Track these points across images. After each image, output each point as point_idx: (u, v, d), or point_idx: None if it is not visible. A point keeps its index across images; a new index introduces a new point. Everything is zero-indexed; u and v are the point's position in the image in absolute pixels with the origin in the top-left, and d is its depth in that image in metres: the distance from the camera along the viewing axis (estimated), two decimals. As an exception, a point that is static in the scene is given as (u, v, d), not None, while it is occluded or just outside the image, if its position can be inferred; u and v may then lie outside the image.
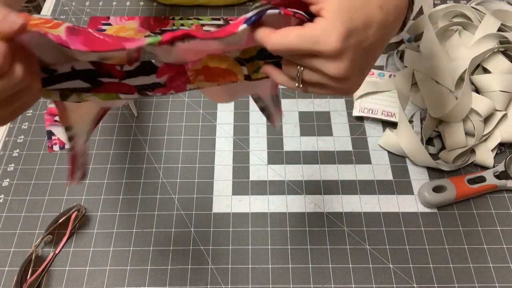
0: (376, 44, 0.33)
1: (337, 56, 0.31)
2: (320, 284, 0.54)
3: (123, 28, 0.79)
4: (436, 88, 0.65)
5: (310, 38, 0.30)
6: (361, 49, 0.32)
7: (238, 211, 0.59)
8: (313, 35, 0.30)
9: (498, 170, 0.60)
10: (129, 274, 0.54)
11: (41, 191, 0.61)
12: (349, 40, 0.31)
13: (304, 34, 0.30)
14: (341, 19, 0.30)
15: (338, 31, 0.30)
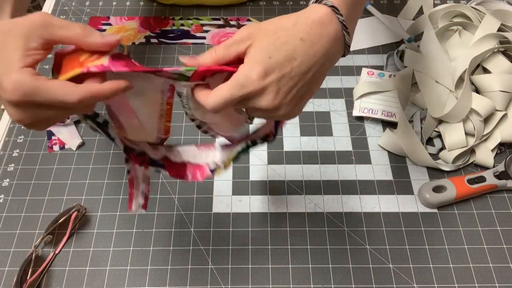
0: (310, 72, 0.36)
1: (262, 92, 0.35)
2: (320, 284, 0.54)
3: (123, 28, 0.79)
4: (436, 88, 0.65)
5: (237, 86, 0.34)
6: (288, 80, 0.35)
7: (238, 211, 0.59)
8: (238, 82, 0.34)
9: (498, 170, 0.60)
10: (129, 274, 0.54)
11: (41, 191, 0.61)
12: (269, 76, 0.34)
13: (232, 84, 0.34)
14: (258, 61, 0.34)
15: (255, 71, 0.34)
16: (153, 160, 0.43)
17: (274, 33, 0.35)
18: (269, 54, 0.35)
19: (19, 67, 0.32)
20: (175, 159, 0.43)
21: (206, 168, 0.42)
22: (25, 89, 0.31)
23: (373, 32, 0.78)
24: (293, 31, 0.36)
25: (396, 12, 0.80)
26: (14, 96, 0.31)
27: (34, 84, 0.31)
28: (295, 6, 0.82)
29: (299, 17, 0.36)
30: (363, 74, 0.71)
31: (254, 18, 0.80)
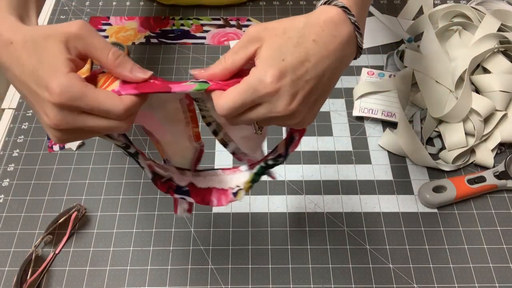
0: (325, 76, 0.35)
1: (277, 95, 0.33)
2: (320, 284, 0.54)
3: (123, 28, 0.79)
4: (436, 88, 0.65)
5: (249, 90, 0.33)
6: (303, 83, 0.34)
7: (238, 211, 0.59)
8: (251, 86, 0.32)
9: (498, 170, 0.60)
10: (129, 274, 0.54)
11: (41, 191, 0.61)
12: (284, 79, 0.33)
13: (243, 88, 0.33)
14: (271, 63, 0.33)
15: (269, 74, 0.32)
16: (178, 187, 0.43)
17: (284, 33, 0.34)
18: (282, 56, 0.33)
19: (66, 71, 0.32)
20: (200, 184, 0.43)
21: (229, 192, 0.42)
22: (73, 92, 0.31)
23: (373, 32, 0.78)
24: (304, 32, 0.34)
25: (396, 12, 0.80)
26: (61, 99, 0.31)
27: (82, 89, 0.32)
28: (295, 6, 0.82)
29: (309, 17, 0.35)
30: (363, 74, 0.71)
31: (254, 18, 0.80)
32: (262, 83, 0.32)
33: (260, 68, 0.33)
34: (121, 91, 0.33)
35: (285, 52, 0.33)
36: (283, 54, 0.33)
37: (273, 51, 0.33)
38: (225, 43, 0.77)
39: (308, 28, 0.34)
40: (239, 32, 0.78)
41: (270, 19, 0.80)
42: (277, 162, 0.41)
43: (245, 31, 0.35)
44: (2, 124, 0.68)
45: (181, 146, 0.44)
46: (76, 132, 0.34)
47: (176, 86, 0.34)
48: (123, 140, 0.39)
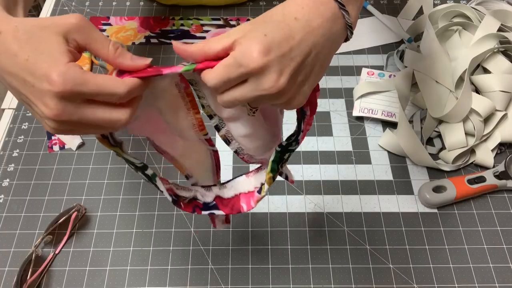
0: (311, 53, 0.35)
1: (264, 70, 0.32)
2: (320, 284, 0.54)
3: (123, 28, 0.79)
4: (436, 88, 0.65)
5: (235, 63, 0.32)
6: (289, 60, 0.33)
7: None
8: (237, 60, 0.32)
9: (498, 170, 0.60)
10: (129, 274, 0.54)
11: (41, 191, 0.61)
12: (269, 54, 0.32)
13: (229, 62, 0.32)
14: (255, 39, 0.32)
15: (256, 48, 0.32)
16: (205, 204, 0.43)
17: (264, 21, 0.34)
18: (265, 31, 0.33)
19: (65, 61, 0.32)
20: (226, 195, 0.43)
21: (255, 192, 0.42)
22: (75, 79, 0.31)
23: (373, 32, 0.78)
24: (284, 12, 0.34)
25: (396, 12, 0.80)
26: (63, 87, 0.31)
27: (83, 76, 0.32)
28: (295, 6, 0.82)
29: (287, 1, 0.35)
30: (363, 74, 0.71)
31: (254, 18, 0.80)
32: (247, 58, 0.32)
33: (244, 43, 0.33)
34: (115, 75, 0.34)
35: (267, 28, 0.33)
36: (265, 30, 0.33)
37: (256, 29, 0.33)
38: (225, 43, 0.76)
39: (288, 9, 0.34)
40: (239, 32, 0.78)
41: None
42: (291, 141, 0.40)
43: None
44: (2, 124, 0.68)
45: (194, 150, 0.44)
46: (75, 124, 0.34)
47: (166, 69, 0.34)
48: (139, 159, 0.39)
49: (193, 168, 0.45)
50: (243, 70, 0.32)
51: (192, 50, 0.35)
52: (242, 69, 0.32)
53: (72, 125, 0.34)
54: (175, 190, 0.43)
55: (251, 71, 0.32)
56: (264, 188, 0.41)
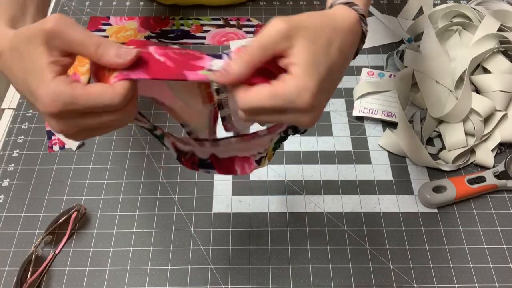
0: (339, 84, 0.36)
1: (309, 111, 0.32)
2: (320, 284, 0.54)
3: (123, 28, 0.79)
4: (436, 88, 0.65)
5: (284, 98, 0.31)
6: (327, 95, 0.34)
7: (238, 211, 0.59)
8: (287, 95, 0.31)
9: (498, 170, 0.60)
10: (129, 274, 0.54)
11: (41, 191, 0.61)
12: (319, 96, 0.32)
13: (277, 93, 0.31)
14: (311, 75, 0.31)
15: (311, 90, 0.31)
16: (202, 160, 0.42)
17: (315, 38, 0.32)
18: (317, 67, 0.32)
19: (51, 78, 0.30)
20: (221, 155, 0.42)
21: (252, 160, 0.41)
22: (64, 99, 0.30)
23: (373, 32, 0.78)
24: (331, 38, 0.33)
25: (396, 12, 0.80)
26: (53, 108, 0.30)
27: (71, 93, 0.30)
28: (295, 6, 0.82)
29: (335, 21, 0.34)
30: (363, 74, 0.71)
31: (254, 18, 0.80)
32: (300, 98, 0.31)
33: (300, 79, 0.31)
34: (130, 75, 0.31)
35: (318, 62, 0.32)
36: (317, 65, 0.32)
37: (310, 61, 0.32)
38: (225, 43, 0.77)
39: (335, 35, 0.34)
40: (239, 32, 0.78)
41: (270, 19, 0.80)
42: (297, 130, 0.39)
43: (269, 23, 0.32)
44: (2, 124, 0.68)
45: (195, 109, 0.43)
46: (87, 131, 0.33)
47: (191, 74, 0.32)
48: (148, 123, 0.38)
49: (189, 120, 0.44)
50: (291, 106, 0.31)
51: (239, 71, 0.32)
52: (290, 105, 0.31)
53: (81, 133, 0.33)
54: (176, 142, 0.42)
55: (298, 109, 0.32)
56: (264, 162, 0.41)
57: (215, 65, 0.33)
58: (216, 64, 0.32)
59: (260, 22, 0.79)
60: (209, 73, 0.32)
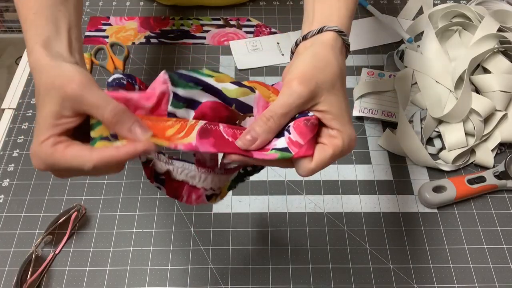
0: None
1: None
2: (320, 284, 0.54)
3: (123, 28, 0.79)
4: (436, 88, 0.65)
5: (340, 154, 0.36)
6: None
7: (238, 211, 0.59)
8: (342, 151, 0.36)
9: (498, 170, 0.60)
10: (129, 274, 0.54)
11: (41, 191, 0.61)
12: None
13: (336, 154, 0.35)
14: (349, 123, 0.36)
15: (354, 136, 0.37)
16: (157, 174, 0.41)
17: (332, 87, 0.36)
18: (347, 111, 0.37)
19: (42, 140, 0.33)
20: (175, 175, 0.41)
21: (202, 192, 0.41)
22: (45, 161, 0.33)
23: (373, 32, 0.78)
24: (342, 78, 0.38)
25: (396, 12, 0.80)
26: (37, 165, 0.34)
27: (51, 157, 0.33)
28: (295, 6, 0.82)
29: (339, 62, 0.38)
30: (363, 74, 0.71)
31: (254, 18, 0.80)
32: (350, 147, 0.36)
33: (346, 134, 0.35)
34: (199, 147, 0.33)
35: (342, 107, 0.36)
36: (346, 110, 0.37)
37: (340, 110, 0.36)
38: (225, 43, 0.77)
39: (341, 76, 0.38)
40: (239, 32, 0.78)
41: (270, 19, 0.80)
42: (257, 169, 0.40)
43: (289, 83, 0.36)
44: (2, 124, 0.68)
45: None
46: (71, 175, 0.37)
47: (257, 154, 0.34)
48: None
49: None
50: (341, 156, 0.36)
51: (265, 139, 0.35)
52: (341, 155, 0.36)
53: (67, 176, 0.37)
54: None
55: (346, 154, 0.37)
56: (215, 199, 0.41)
57: (279, 143, 0.35)
58: (280, 142, 0.35)
59: (260, 22, 0.79)
60: (274, 152, 0.34)
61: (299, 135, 0.34)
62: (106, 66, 0.72)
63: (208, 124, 0.35)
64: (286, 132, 0.35)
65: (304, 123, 0.35)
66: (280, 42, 0.77)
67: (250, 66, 0.73)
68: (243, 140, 0.34)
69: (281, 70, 0.73)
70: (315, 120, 0.35)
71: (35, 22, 0.38)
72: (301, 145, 0.34)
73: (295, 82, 0.35)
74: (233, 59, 0.74)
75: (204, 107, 0.35)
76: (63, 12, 0.40)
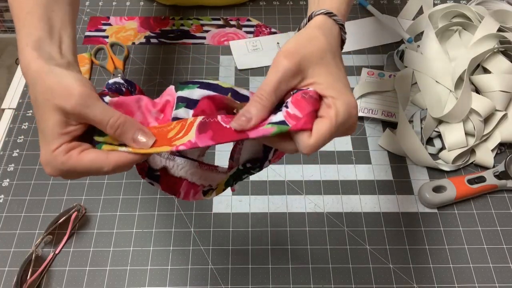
0: None
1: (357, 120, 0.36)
2: (320, 284, 0.54)
3: (123, 28, 0.79)
4: (436, 88, 0.65)
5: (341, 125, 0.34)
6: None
7: (238, 211, 0.59)
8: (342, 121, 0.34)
9: (498, 170, 0.60)
10: (129, 274, 0.54)
11: (41, 191, 0.61)
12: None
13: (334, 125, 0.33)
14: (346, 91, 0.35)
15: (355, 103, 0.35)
16: (151, 170, 0.41)
17: (321, 58, 0.36)
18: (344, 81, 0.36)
19: (53, 148, 0.34)
20: (173, 171, 0.41)
21: (200, 190, 0.41)
22: (59, 168, 0.34)
23: (373, 32, 0.78)
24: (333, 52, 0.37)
25: (396, 12, 0.80)
26: (51, 173, 0.34)
27: (66, 164, 0.33)
28: (295, 6, 0.82)
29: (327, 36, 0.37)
30: (363, 74, 0.71)
31: (254, 18, 0.80)
32: (349, 115, 0.34)
33: (344, 101, 0.34)
34: (198, 143, 0.33)
35: (334, 77, 0.35)
36: (335, 79, 0.35)
37: (330, 80, 0.35)
38: (225, 43, 0.77)
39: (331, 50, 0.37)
40: (239, 32, 0.78)
41: (270, 19, 0.80)
42: (255, 165, 0.40)
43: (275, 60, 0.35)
44: (2, 124, 0.68)
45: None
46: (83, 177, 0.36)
47: (253, 132, 0.33)
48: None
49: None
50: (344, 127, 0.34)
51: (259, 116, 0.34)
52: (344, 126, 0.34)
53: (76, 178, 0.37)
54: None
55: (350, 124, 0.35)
56: (211, 194, 0.41)
57: (276, 118, 0.34)
58: (276, 117, 0.34)
59: (260, 22, 0.79)
60: (271, 126, 0.33)
61: (297, 108, 0.33)
62: (106, 66, 0.72)
63: (206, 118, 0.35)
64: (284, 107, 0.34)
65: (302, 96, 0.34)
66: (280, 42, 0.76)
67: (250, 66, 0.73)
68: (237, 122, 0.33)
69: (281, 70, 0.73)
70: (314, 94, 0.34)
71: (27, 22, 0.38)
72: (299, 118, 0.33)
73: (280, 57, 0.35)
74: (233, 59, 0.74)
75: (202, 104, 0.35)
76: (56, 11, 0.40)
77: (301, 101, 0.34)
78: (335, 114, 0.33)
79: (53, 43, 0.38)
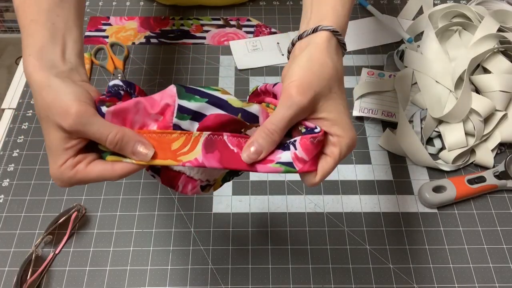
0: None
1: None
2: (320, 284, 0.54)
3: (123, 28, 0.79)
4: (436, 88, 0.65)
5: (341, 159, 0.37)
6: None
7: (238, 211, 0.59)
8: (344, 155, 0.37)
9: (498, 170, 0.60)
10: (129, 274, 0.54)
11: (41, 191, 0.61)
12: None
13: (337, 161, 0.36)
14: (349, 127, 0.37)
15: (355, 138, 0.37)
16: None
17: (330, 91, 0.36)
18: (347, 114, 0.37)
19: (59, 164, 0.35)
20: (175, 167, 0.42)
21: (197, 184, 0.41)
22: (68, 181, 0.35)
23: (373, 32, 0.78)
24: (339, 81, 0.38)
25: (396, 12, 0.80)
26: (61, 185, 0.36)
27: (74, 178, 0.35)
28: (295, 6, 0.82)
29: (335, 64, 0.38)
30: (363, 74, 0.71)
31: (254, 18, 0.80)
32: (350, 149, 0.36)
33: (347, 138, 0.36)
34: (205, 163, 0.35)
35: (340, 111, 0.37)
36: (341, 114, 0.37)
37: (337, 116, 0.36)
38: (225, 43, 0.77)
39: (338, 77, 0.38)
40: (239, 32, 0.78)
41: (270, 19, 0.80)
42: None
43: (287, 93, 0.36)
44: (2, 124, 0.68)
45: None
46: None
47: (262, 167, 0.35)
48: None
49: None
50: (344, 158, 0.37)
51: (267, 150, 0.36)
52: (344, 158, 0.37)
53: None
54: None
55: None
56: (208, 189, 0.41)
57: (284, 157, 0.36)
58: (284, 156, 0.36)
59: (260, 22, 0.79)
60: (278, 166, 0.35)
61: (305, 152, 0.35)
62: (106, 66, 0.72)
63: (212, 135, 0.36)
64: (292, 147, 0.36)
65: (311, 141, 0.35)
66: (280, 42, 0.77)
67: (250, 66, 0.73)
68: (247, 153, 0.35)
69: (281, 70, 0.73)
70: (321, 137, 0.36)
71: (31, 30, 0.38)
72: (306, 161, 0.35)
73: (294, 91, 0.35)
74: (233, 59, 0.74)
75: (209, 120, 0.36)
76: (61, 16, 0.40)
77: (309, 146, 0.35)
78: (339, 153, 0.36)
79: (56, 50, 0.38)
